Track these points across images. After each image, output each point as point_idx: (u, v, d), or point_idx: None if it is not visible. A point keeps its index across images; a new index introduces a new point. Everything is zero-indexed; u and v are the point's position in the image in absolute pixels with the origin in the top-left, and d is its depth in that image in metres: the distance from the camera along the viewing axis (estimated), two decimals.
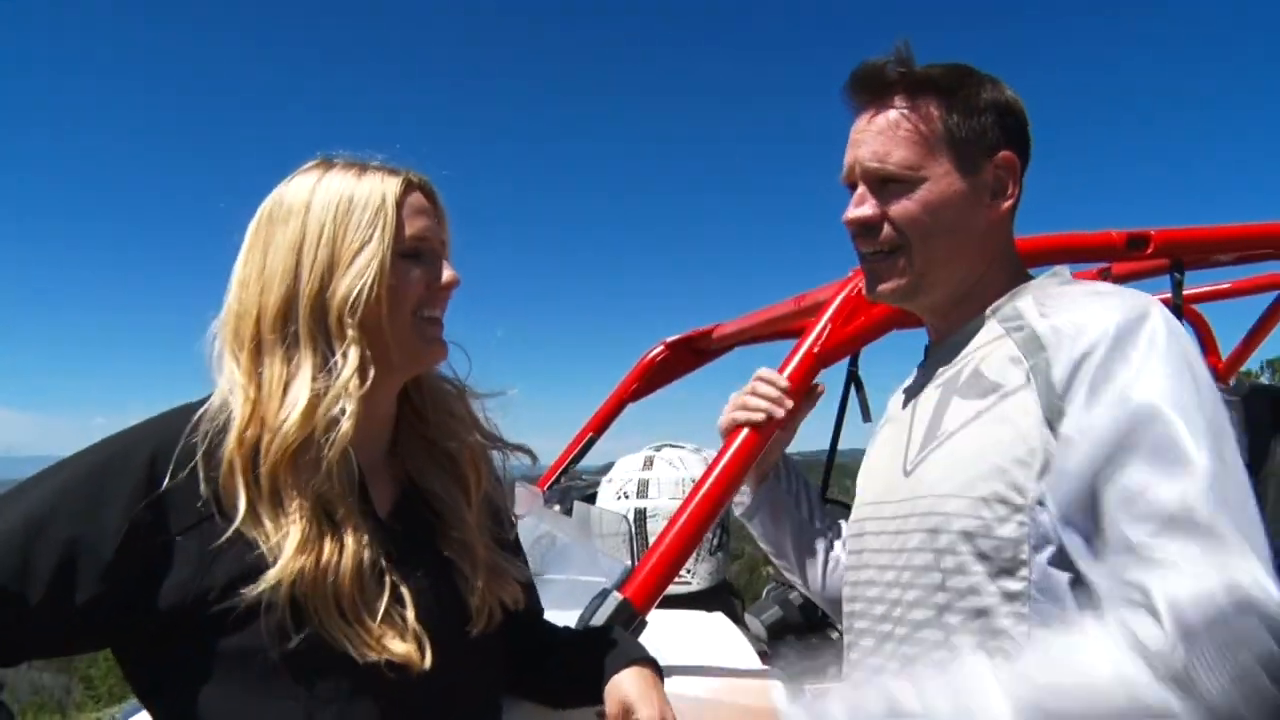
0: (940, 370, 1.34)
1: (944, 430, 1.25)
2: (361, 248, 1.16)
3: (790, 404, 1.72)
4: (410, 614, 1.13)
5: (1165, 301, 2.38)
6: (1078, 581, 1.10)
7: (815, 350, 1.83)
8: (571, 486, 2.97)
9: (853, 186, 1.34)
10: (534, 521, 2.74)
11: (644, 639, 1.85)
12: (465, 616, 1.22)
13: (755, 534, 1.80)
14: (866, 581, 1.34)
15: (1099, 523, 1.05)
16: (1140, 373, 1.07)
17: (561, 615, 1.74)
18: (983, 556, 1.14)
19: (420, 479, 1.27)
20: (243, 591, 1.05)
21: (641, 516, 2.43)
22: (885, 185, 1.30)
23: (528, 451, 1.40)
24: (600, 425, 3.30)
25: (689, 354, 3.27)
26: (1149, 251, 2.04)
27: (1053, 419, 1.11)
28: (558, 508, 2.72)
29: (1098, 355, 1.10)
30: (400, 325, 1.19)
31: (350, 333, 1.14)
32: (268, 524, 1.08)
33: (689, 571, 2.41)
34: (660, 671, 1.37)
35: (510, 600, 1.29)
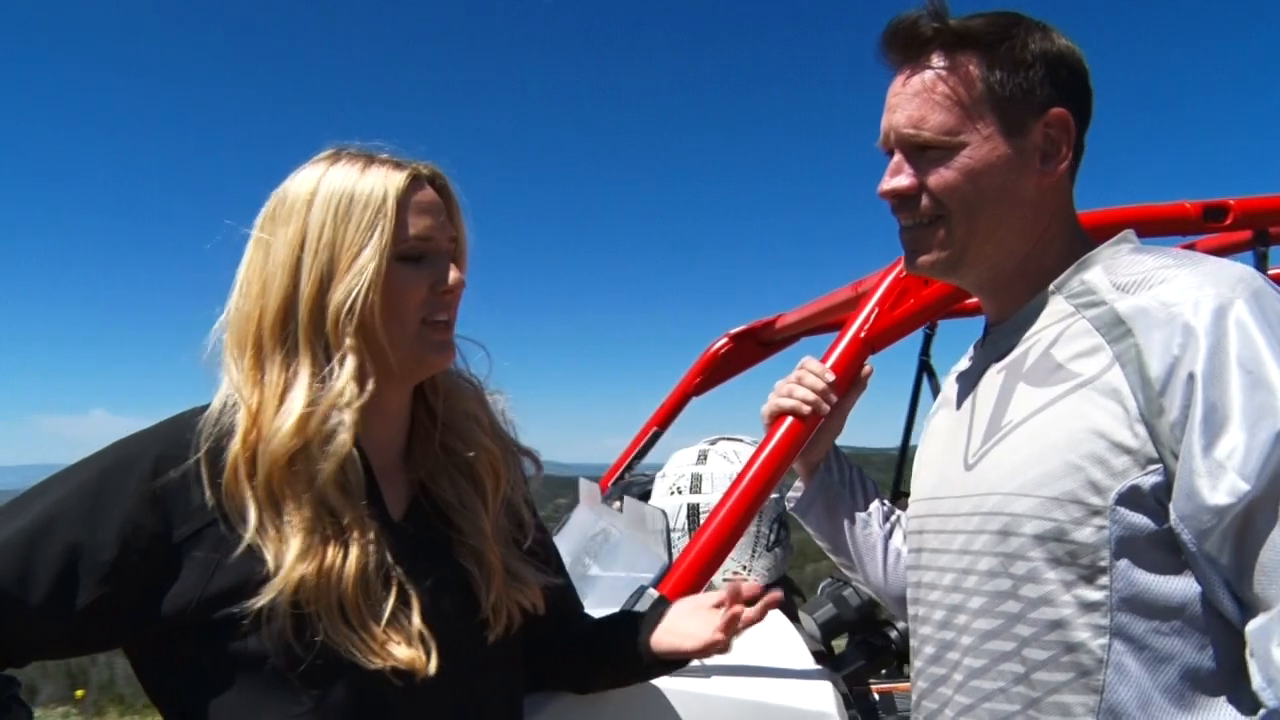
0: (1002, 353, 1.24)
1: (1009, 420, 1.14)
2: (359, 251, 1.12)
3: (835, 397, 1.65)
4: (415, 618, 1.10)
5: None
6: (1166, 593, 1.01)
7: (862, 336, 1.76)
8: (633, 483, 2.93)
9: (890, 154, 1.24)
10: (592, 517, 2.72)
11: None
12: (479, 623, 1.19)
13: (811, 530, 1.71)
14: (928, 584, 1.25)
15: (1247, 562, 0.96)
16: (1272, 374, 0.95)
17: (606, 612, 1.71)
18: (1057, 562, 1.05)
19: (433, 485, 1.24)
20: (246, 599, 1.04)
21: (695, 512, 2.37)
22: (923, 153, 1.20)
23: (533, 458, 1.36)
24: (664, 420, 3.26)
25: (754, 346, 3.20)
26: (1228, 223, 1.91)
27: (1151, 418, 1.00)
28: (618, 504, 2.68)
29: (1203, 348, 0.98)
30: (402, 331, 1.15)
31: (347, 340, 1.11)
32: (270, 531, 1.07)
33: (745, 568, 2.35)
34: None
35: (529, 604, 1.25)
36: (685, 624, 1.35)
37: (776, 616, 2.11)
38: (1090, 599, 1.03)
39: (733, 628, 1.30)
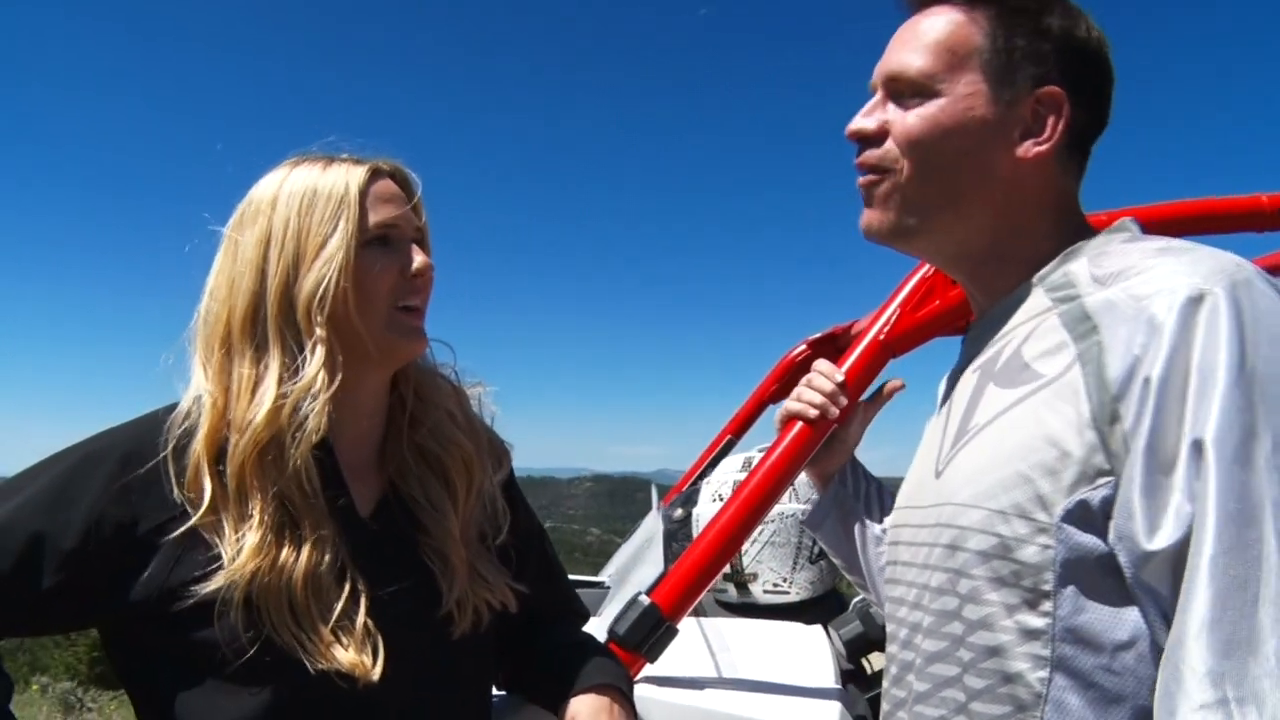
0: (980, 350, 1.13)
1: (974, 424, 1.03)
2: (325, 240, 1.14)
3: (845, 401, 1.56)
4: (361, 619, 1.10)
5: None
6: (1114, 625, 0.89)
7: (881, 339, 1.67)
8: (698, 490, 2.88)
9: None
10: (651, 524, 2.69)
11: (725, 650, 1.76)
12: (442, 621, 1.18)
13: (825, 547, 1.62)
14: (896, 600, 1.15)
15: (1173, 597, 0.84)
16: (1235, 385, 0.82)
17: (598, 622, 1.68)
18: (1001, 583, 0.94)
19: (401, 483, 1.24)
20: (203, 590, 1.05)
21: None
22: (901, 96, 1.11)
23: (503, 454, 1.34)
24: (739, 428, 3.18)
25: (833, 352, 3.10)
26: None
27: (1102, 424, 0.88)
28: (680, 511, 2.64)
29: (1164, 349, 0.86)
30: (373, 317, 1.16)
31: (318, 330, 1.12)
32: (231, 524, 1.09)
33: (785, 580, 2.27)
34: (629, 697, 1.26)
35: (498, 602, 1.23)
36: None
37: (814, 633, 2.03)
38: (1031, 626, 0.91)
39: None
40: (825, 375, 1.58)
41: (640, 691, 1.54)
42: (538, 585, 1.34)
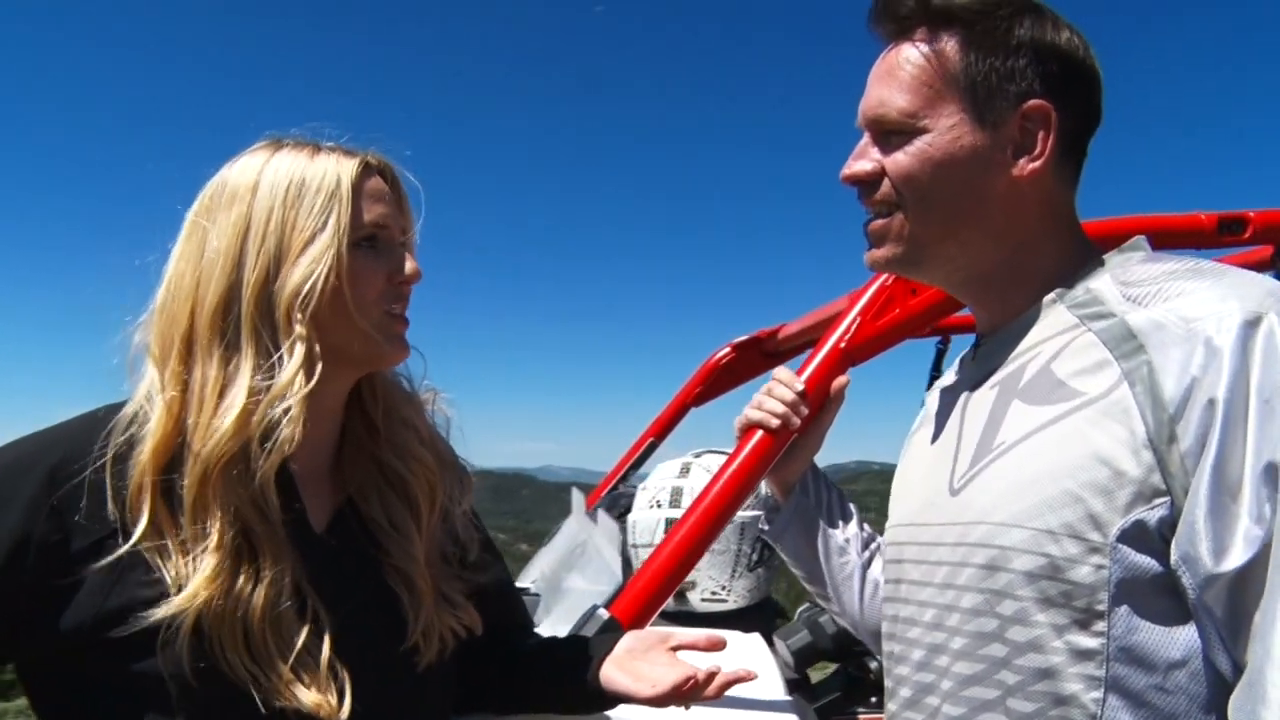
0: (995, 367, 1.12)
1: (1001, 441, 1.03)
2: (314, 235, 1.05)
3: (806, 410, 1.54)
4: (325, 653, 1.01)
5: None
6: (1168, 644, 0.89)
7: (841, 347, 1.66)
8: (624, 494, 2.84)
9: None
10: (577, 530, 2.64)
11: None
12: (407, 651, 1.10)
13: (786, 558, 1.59)
14: (906, 620, 1.13)
15: (1241, 619, 0.85)
16: None
17: (560, 630, 1.62)
18: (1049, 603, 0.93)
19: (362, 502, 1.16)
20: (147, 617, 0.95)
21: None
22: (888, 136, 1.11)
23: (466, 480, 1.26)
24: (661, 430, 3.17)
25: (757, 356, 3.10)
26: (1246, 236, 1.78)
27: (1159, 445, 0.88)
28: (598, 518, 2.60)
29: (1227, 370, 0.86)
30: (361, 320, 1.08)
31: (299, 328, 1.03)
32: (179, 544, 0.99)
33: (724, 589, 2.25)
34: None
35: (463, 628, 1.17)
36: (639, 665, 1.23)
37: (754, 641, 2.01)
38: (1084, 646, 0.91)
39: (691, 695, 1.18)
40: (786, 384, 1.55)
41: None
42: (499, 604, 1.28)
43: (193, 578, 0.96)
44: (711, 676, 1.15)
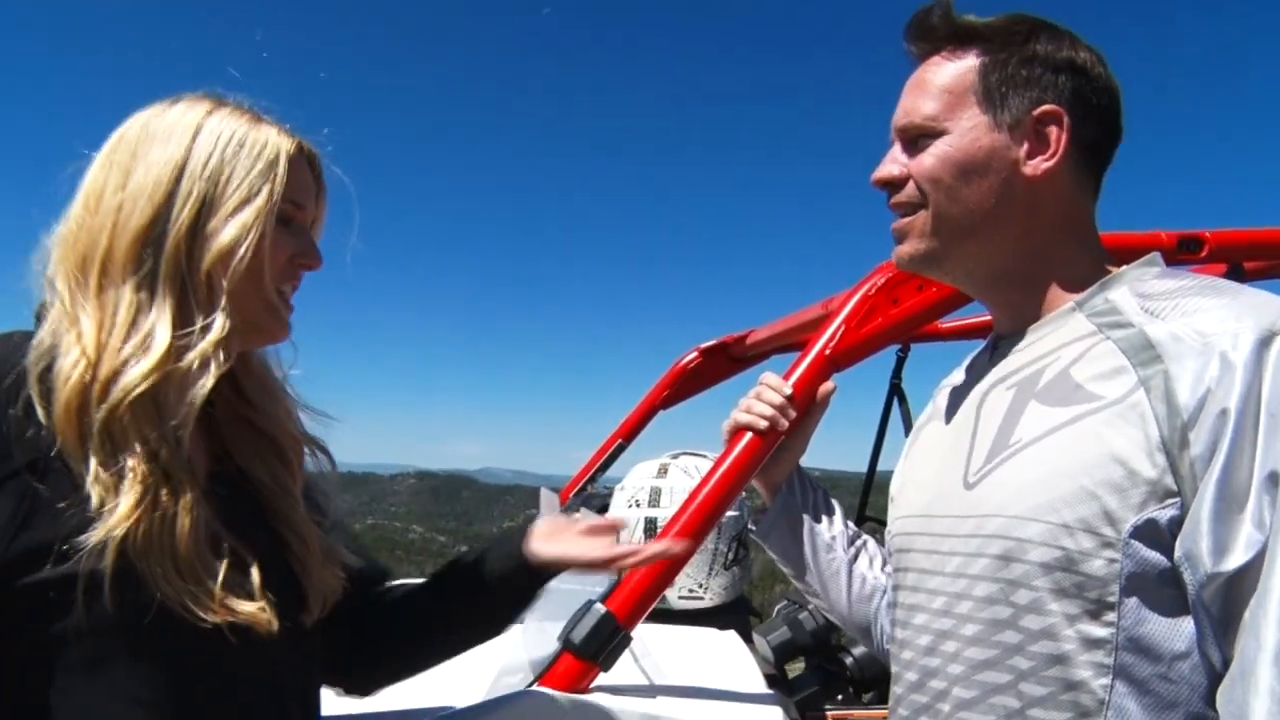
0: (1013, 368, 1.17)
1: (1018, 439, 1.08)
2: (250, 198, 1.07)
3: (794, 413, 1.60)
4: (255, 576, 1.04)
5: None
6: (1173, 635, 0.96)
7: (827, 353, 1.72)
8: (594, 495, 2.88)
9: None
10: None
11: (645, 655, 1.77)
12: (300, 599, 1.12)
13: (775, 556, 1.65)
14: (912, 607, 1.19)
15: (1233, 617, 0.92)
16: None
17: (551, 627, 1.66)
18: (1063, 594, 0.99)
19: (241, 459, 1.16)
20: (62, 559, 0.93)
21: (653, 526, 2.33)
22: (915, 142, 1.19)
23: (326, 454, 1.26)
24: (630, 433, 3.21)
25: (724, 361, 3.16)
26: (1203, 255, 1.88)
27: (1172, 449, 0.94)
28: (576, 515, 2.64)
29: (1239, 383, 0.92)
30: (261, 294, 1.10)
31: (224, 282, 1.05)
32: (98, 479, 0.96)
33: (701, 586, 2.31)
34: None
35: (339, 589, 1.19)
36: (565, 539, 1.31)
37: (731, 638, 2.07)
38: (1095, 635, 0.97)
39: (619, 561, 1.27)
40: (774, 388, 1.61)
41: (599, 700, 1.53)
42: (364, 562, 1.31)
43: (117, 509, 0.94)
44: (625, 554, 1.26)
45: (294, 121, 1.16)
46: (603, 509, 2.56)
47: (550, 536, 1.30)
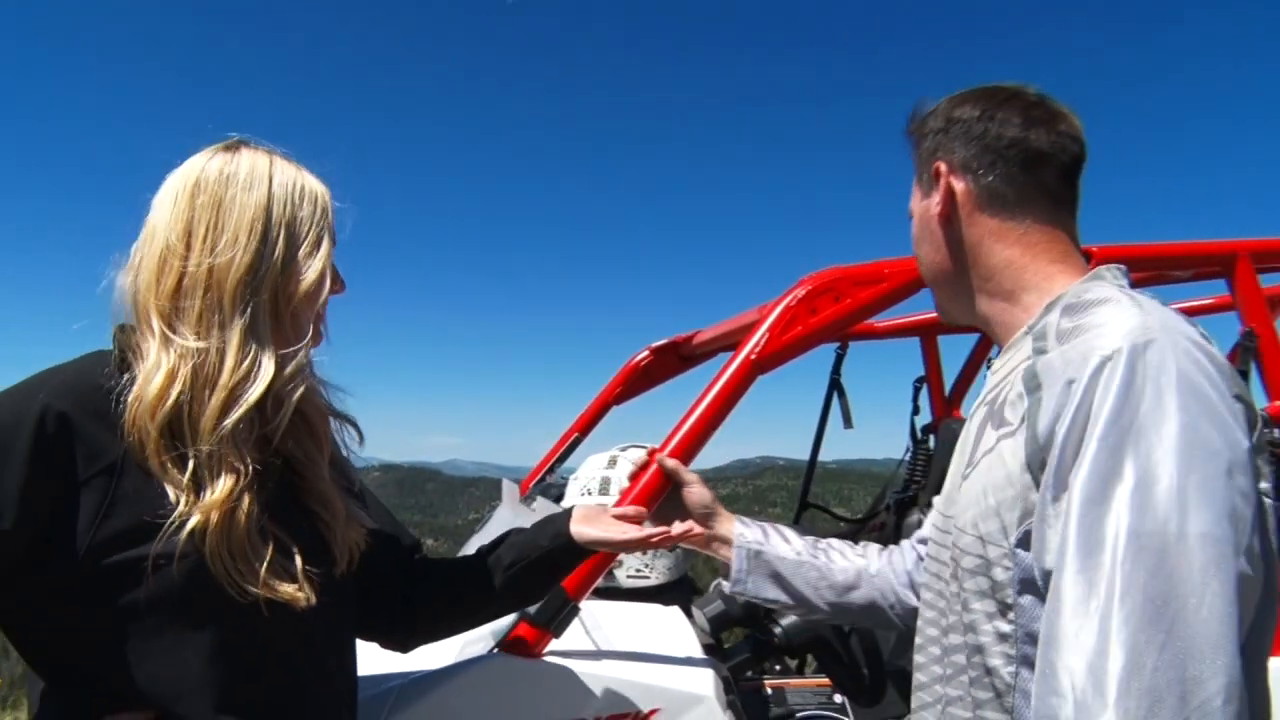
0: (989, 387, 1.30)
1: (975, 457, 1.22)
2: (319, 241, 1.22)
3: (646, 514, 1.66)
4: (298, 563, 1.18)
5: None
6: None
7: (753, 358, 1.93)
8: (552, 485, 3.07)
9: None
10: (510, 516, 2.87)
11: (597, 628, 1.97)
12: (329, 562, 1.26)
13: (761, 601, 1.69)
14: (924, 603, 1.33)
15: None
16: (1094, 462, 0.98)
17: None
18: (982, 594, 1.14)
19: (280, 441, 1.26)
20: (143, 537, 1.07)
21: None
22: None
23: (355, 426, 1.39)
24: (584, 427, 3.38)
25: (674, 359, 3.32)
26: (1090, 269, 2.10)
27: (1035, 471, 1.07)
28: (534, 505, 2.83)
29: (1071, 408, 1.02)
30: (317, 315, 1.26)
31: (306, 325, 1.22)
32: (175, 477, 1.11)
33: (647, 566, 2.51)
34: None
35: (361, 543, 1.34)
36: (603, 523, 1.53)
37: (674, 613, 2.28)
38: (1003, 630, 1.11)
39: (650, 541, 1.49)
40: (631, 519, 1.61)
41: (549, 662, 1.75)
42: (384, 524, 1.49)
43: (202, 501, 1.10)
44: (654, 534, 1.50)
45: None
46: (558, 498, 2.74)
47: (590, 520, 1.53)
